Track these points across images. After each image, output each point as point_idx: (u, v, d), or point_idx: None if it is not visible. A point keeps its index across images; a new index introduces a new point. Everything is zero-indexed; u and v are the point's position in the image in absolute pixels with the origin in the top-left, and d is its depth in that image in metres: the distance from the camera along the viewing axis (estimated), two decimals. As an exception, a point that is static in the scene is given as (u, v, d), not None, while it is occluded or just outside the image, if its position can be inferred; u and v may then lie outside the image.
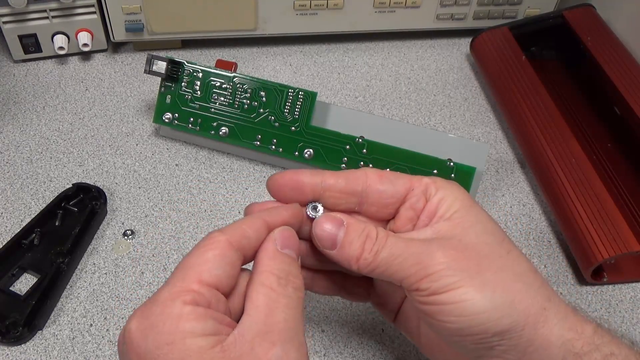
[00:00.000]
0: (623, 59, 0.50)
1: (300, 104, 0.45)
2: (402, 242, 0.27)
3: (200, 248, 0.25)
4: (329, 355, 0.37)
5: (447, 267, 0.26)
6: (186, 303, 0.23)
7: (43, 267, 0.39)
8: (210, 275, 0.24)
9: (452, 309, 0.26)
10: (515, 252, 0.28)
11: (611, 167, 0.47)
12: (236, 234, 0.25)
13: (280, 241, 0.26)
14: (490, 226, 0.28)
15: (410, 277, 0.27)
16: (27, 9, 0.50)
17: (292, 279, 0.25)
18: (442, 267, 0.26)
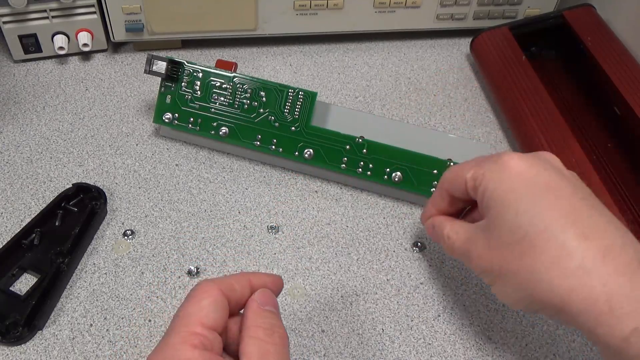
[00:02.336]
0: (623, 59, 0.50)
1: (300, 104, 0.45)
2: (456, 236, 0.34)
3: (196, 297, 0.28)
4: (329, 355, 0.37)
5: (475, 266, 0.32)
6: (195, 347, 0.26)
7: (43, 267, 0.39)
8: (209, 319, 0.27)
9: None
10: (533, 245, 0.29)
11: (611, 167, 0.47)
12: (225, 284, 0.28)
13: (260, 299, 0.29)
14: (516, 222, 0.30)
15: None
16: (27, 9, 0.50)
17: (276, 330, 0.29)
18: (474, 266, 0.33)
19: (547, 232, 0.28)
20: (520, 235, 0.29)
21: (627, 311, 0.26)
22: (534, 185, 0.30)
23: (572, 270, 0.27)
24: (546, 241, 0.28)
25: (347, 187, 0.46)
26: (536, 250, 0.28)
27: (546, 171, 0.30)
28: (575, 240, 0.28)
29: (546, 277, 0.28)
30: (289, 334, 0.37)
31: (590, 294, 0.27)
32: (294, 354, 0.37)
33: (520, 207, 0.29)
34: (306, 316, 0.39)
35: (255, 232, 0.43)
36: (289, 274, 0.41)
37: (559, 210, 0.29)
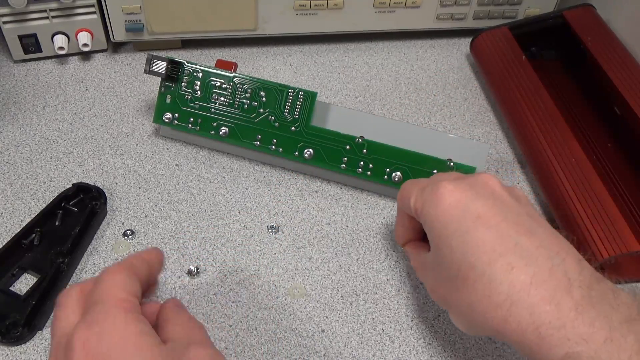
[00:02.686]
0: (623, 59, 0.50)
1: (300, 104, 0.45)
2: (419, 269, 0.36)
3: (107, 275, 0.29)
4: (329, 355, 0.37)
5: (431, 295, 0.34)
6: (127, 310, 0.27)
7: (43, 267, 0.39)
8: (132, 287, 0.29)
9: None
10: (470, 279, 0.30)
11: (611, 167, 0.47)
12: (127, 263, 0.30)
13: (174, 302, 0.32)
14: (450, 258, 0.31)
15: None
16: (27, 9, 0.50)
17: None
18: (429, 292, 0.35)
19: (476, 268, 0.29)
20: (455, 271, 0.30)
21: (556, 339, 0.27)
22: (465, 218, 0.31)
23: (501, 302, 0.28)
24: (476, 276, 0.29)
25: (347, 187, 0.46)
26: (469, 285, 0.30)
27: (478, 200, 0.31)
28: (502, 272, 0.29)
29: (480, 310, 0.29)
30: (288, 334, 0.37)
31: (519, 324, 0.28)
32: (294, 353, 0.37)
33: (453, 243, 0.31)
34: (306, 316, 0.39)
35: (255, 232, 0.43)
36: (289, 274, 0.41)
37: (486, 244, 0.29)
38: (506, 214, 0.31)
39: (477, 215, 0.30)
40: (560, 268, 0.28)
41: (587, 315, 0.27)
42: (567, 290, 0.28)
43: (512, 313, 0.28)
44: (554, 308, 0.27)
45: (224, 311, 0.38)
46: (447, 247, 0.31)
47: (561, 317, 0.27)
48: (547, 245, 0.29)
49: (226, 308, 0.38)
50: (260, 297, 0.39)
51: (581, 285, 0.28)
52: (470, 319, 0.30)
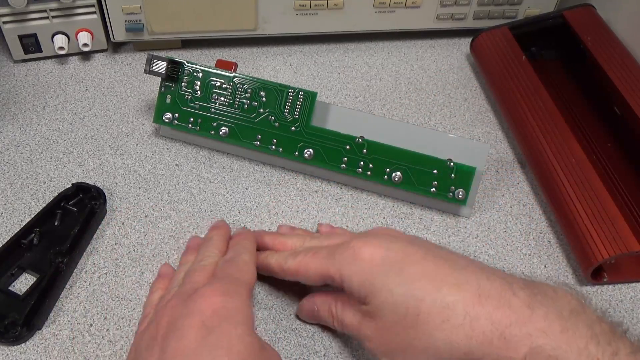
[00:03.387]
0: (623, 59, 0.50)
1: (300, 104, 0.45)
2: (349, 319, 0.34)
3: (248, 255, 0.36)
4: (329, 355, 0.37)
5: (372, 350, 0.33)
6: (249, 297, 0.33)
7: (42, 266, 0.39)
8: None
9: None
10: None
11: (611, 167, 0.47)
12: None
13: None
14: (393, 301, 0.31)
15: None
16: (27, 9, 0.50)
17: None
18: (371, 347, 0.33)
19: (425, 298, 0.30)
20: (403, 310, 0.30)
21: (520, 337, 0.28)
22: (392, 260, 0.32)
23: (461, 322, 0.29)
24: (428, 307, 0.30)
25: (347, 187, 0.46)
26: (423, 319, 0.30)
27: (394, 243, 0.33)
28: (451, 294, 0.30)
29: (442, 337, 0.29)
30: (288, 334, 0.37)
31: (485, 335, 0.28)
32: (294, 353, 0.37)
33: (391, 285, 0.31)
34: (306, 316, 0.39)
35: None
36: (289, 274, 0.41)
37: (425, 274, 0.31)
38: (423, 249, 0.32)
39: (403, 254, 0.32)
40: (496, 277, 0.30)
41: (540, 310, 0.28)
42: (513, 293, 0.29)
43: (474, 328, 0.29)
44: (509, 311, 0.29)
45: (223, 311, 0.38)
46: (386, 292, 0.31)
47: (519, 317, 0.28)
48: (470, 264, 0.31)
49: (226, 308, 0.38)
50: (260, 297, 0.39)
51: (522, 287, 0.30)
52: (433, 351, 0.30)
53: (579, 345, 0.27)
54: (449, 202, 0.44)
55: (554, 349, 0.27)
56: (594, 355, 0.27)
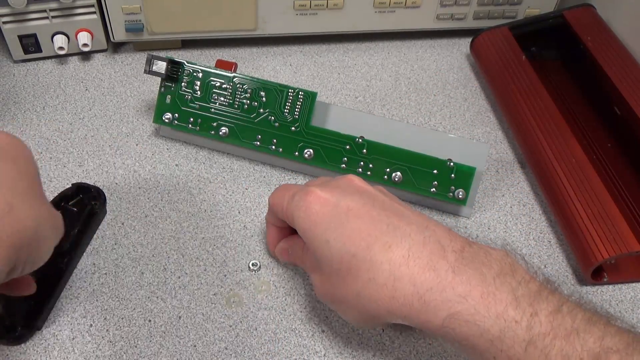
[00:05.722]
0: (623, 59, 0.50)
1: (300, 104, 0.45)
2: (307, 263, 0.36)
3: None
4: (329, 355, 0.37)
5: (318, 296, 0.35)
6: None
7: (42, 267, 0.39)
8: None
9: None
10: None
11: (611, 167, 0.47)
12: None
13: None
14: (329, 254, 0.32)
15: None
16: (27, 9, 0.50)
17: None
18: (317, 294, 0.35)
19: (357, 254, 0.31)
20: (337, 264, 0.32)
21: (439, 302, 0.29)
22: (336, 214, 0.32)
23: (385, 281, 0.30)
24: (358, 263, 0.31)
25: (347, 187, 0.46)
26: (353, 274, 0.31)
27: (346, 196, 0.33)
28: (380, 253, 0.30)
29: (367, 295, 0.30)
30: (288, 334, 0.37)
31: (405, 297, 0.29)
32: (294, 353, 0.37)
33: (329, 237, 0.32)
34: (306, 316, 0.39)
35: (255, 232, 0.43)
36: (289, 274, 0.41)
37: (362, 230, 0.31)
38: (373, 203, 0.33)
39: (348, 209, 0.32)
40: (432, 238, 0.31)
41: (464, 275, 0.29)
42: (442, 256, 0.30)
43: (397, 288, 0.30)
44: (433, 274, 0.29)
45: (224, 311, 0.38)
46: (324, 244, 0.32)
47: (441, 282, 0.29)
48: (416, 222, 0.32)
49: (226, 308, 0.38)
50: (261, 297, 0.39)
51: (454, 250, 0.30)
52: (360, 307, 0.31)
53: (497, 309, 0.28)
54: (449, 202, 0.44)
55: (472, 314, 0.28)
56: (512, 317, 0.28)
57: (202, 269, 0.40)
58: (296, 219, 0.34)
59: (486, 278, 0.29)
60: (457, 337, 0.29)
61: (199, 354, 0.36)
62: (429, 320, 0.29)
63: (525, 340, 0.27)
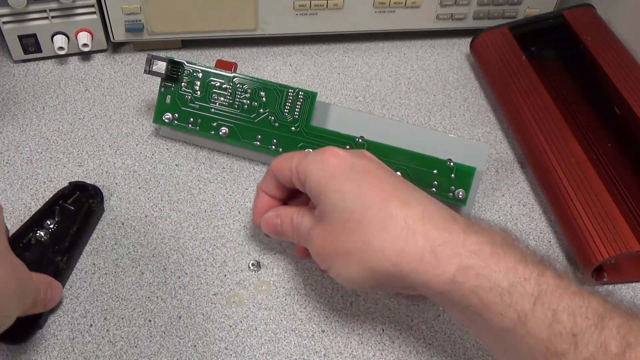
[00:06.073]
0: (623, 59, 0.50)
1: (300, 104, 0.45)
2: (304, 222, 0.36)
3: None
4: (329, 355, 0.37)
5: (315, 251, 0.34)
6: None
7: (42, 266, 0.39)
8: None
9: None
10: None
11: (611, 167, 0.47)
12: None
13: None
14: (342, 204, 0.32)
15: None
16: (27, 9, 0.50)
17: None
18: (314, 251, 0.34)
19: (372, 207, 0.31)
20: (348, 214, 0.32)
21: (450, 255, 0.30)
22: (354, 170, 0.33)
23: (398, 232, 0.30)
24: (373, 214, 0.31)
25: (347, 187, 0.46)
26: (365, 224, 0.31)
27: (362, 159, 0.34)
28: (397, 208, 0.31)
29: (377, 245, 0.31)
30: (288, 334, 0.37)
31: (417, 249, 0.30)
32: (294, 353, 0.37)
33: (344, 189, 0.32)
34: (306, 316, 0.39)
35: (255, 232, 0.43)
36: (289, 274, 0.41)
37: (380, 187, 0.32)
38: (389, 172, 0.34)
39: (365, 169, 0.33)
40: (442, 206, 0.32)
41: (474, 237, 0.30)
42: (453, 220, 0.31)
43: (409, 241, 0.30)
44: (446, 233, 0.30)
45: (224, 311, 0.38)
46: (338, 194, 0.32)
47: (453, 238, 0.30)
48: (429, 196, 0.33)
49: (226, 308, 0.38)
50: (261, 297, 0.39)
51: (463, 219, 0.32)
52: (363, 259, 0.31)
53: (507, 265, 0.29)
54: (449, 202, 0.43)
55: (483, 267, 0.29)
56: (521, 274, 0.29)
57: (202, 269, 0.40)
58: (310, 172, 0.34)
59: (495, 242, 0.30)
60: (465, 291, 0.29)
61: (199, 354, 0.36)
62: (439, 273, 0.29)
63: (533, 295, 0.28)
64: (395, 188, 0.32)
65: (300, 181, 0.35)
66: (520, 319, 0.28)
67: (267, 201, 0.39)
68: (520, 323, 0.28)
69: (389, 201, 0.31)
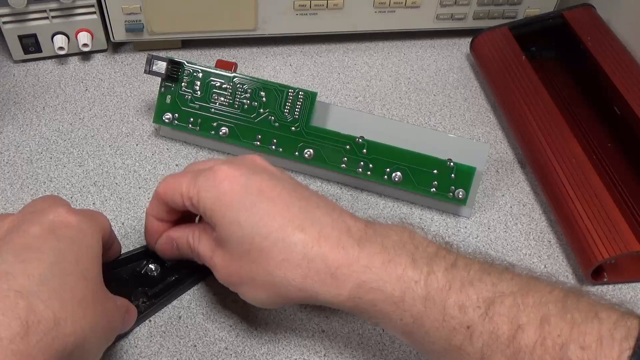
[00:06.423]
0: (623, 59, 0.50)
1: (300, 104, 0.45)
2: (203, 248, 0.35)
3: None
4: (329, 355, 0.37)
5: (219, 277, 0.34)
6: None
7: (122, 294, 0.38)
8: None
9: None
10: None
11: (611, 167, 0.47)
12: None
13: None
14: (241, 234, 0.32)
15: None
16: (27, 9, 0.50)
17: None
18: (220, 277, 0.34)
19: (269, 236, 0.31)
20: (248, 244, 0.32)
21: (347, 275, 0.30)
22: (248, 193, 0.32)
23: (299, 260, 0.31)
24: (271, 244, 0.31)
25: (347, 187, 0.46)
26: (265, 254, 0.31)
27: (256, 175, 0.33)
28: (294, 234, 0.31)
29: (281, 275, 0.31)
30: (289, 334, 0.37)
31: (318, 273, 0.31)
32: (294, 353, 0.37)
33: (241, 219, 0.32)
34: (306, 316, 0.39)
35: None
36: (289, 274, 0.41)
37: (274, 213, 0.32)
38: (283, 185, 0.33)
39: (259, 190, 0.32)
40: (339, 220, 0.32)
41: (368, 248, 0.31)
42: (349, 235, 0.31)
43: (310, 268, 0.31)
44: (342, 251, 0.31)
45: (224, 311, 0.38)
46: (235, 225, 0.32)
47: (349, 257, 0.31)
48: (322, 205, 0.33)
49: (226, 308, 0.38)
50: (260, 297, 0.39)
51: (358, 228, 0.32)
52: (271, 286, 0.32)
53: (397, 272, 0.30)
54: (449, 202, 0.44)
55: (376, 281, 0.30)
56: (411, 278, 0.30)
57: (202, 269, 0.40)
58: (203, 199, 0.33)
59: (386, 248, 0.31)
60: (365, 305, 0.31)
61: (199, 354, 0.36)
62: (339, 293, 0.31)
63: (423, 297, 0.29)
64: (290, 210, 0.32)
65: (194, 206, 0.34)
66: (416, 322, 0.30)
67: (158, 226, 0.37)
68: (418, 325, 0.30)
69: (284, 229, 0.31)
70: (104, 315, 0.30)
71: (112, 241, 0.36)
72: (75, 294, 0.28)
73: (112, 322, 0.31)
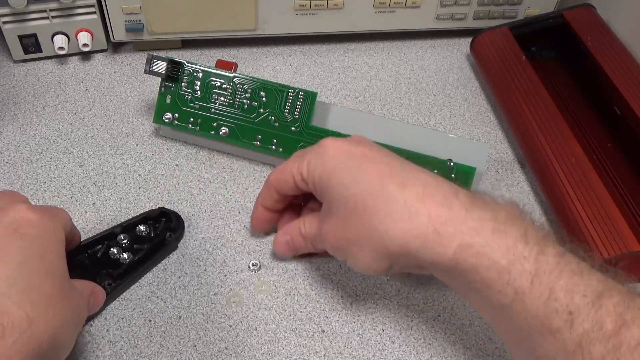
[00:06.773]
0: (623, 59, 0.50)
1: (300, 104, 0.45)
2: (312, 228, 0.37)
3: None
4: (329, 355, 0.37)
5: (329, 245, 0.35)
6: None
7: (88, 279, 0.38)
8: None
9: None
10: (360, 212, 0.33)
11: (611, 167, 0.47)
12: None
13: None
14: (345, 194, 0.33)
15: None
16: (27, 9, 0.50)
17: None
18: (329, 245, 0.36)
19: (373, 193, 0.32)
20: (352, 203, 0.33)
21: (452, 233, 0.30)
22: (351, 157, 0.34)
23: (401, 215, 0.31)
24: (374, 200, 0.32)
25: (347, 187, 0.46)
26: (369, 210, 0.32)
27: (359, 145, 0.35)
28: (396, 190, 0.32)
29: (383, 229, 0.32)
30: (288, 334, 0.37)
31: (420, 229, 0.31)
32: (294, 353, 0.37)
33: (345, 179, 0.33)
34: (306, 316, 0.39)
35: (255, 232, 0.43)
36: (289, 274, 0.41)
37: (377, 172, 0.33)
38: (385, 152, 0.35)
39: (362, 154, 0.34)
40: (443, 182, 0.33)
41: (476, 213, 0.31)
42: (455, 196, 0.31)
43: (413, 222, 0.31)
44: (447, 210, 0.31)
45: (224, 311, 0.38)
46: (340, 186, 0.33)
47: (454, 216, 0.31)
48: (427, 172, 0.34)
49: (226, 308, 0.39)
50: (261, 297, 0.39)
51: (466, 195, 0.32)
52: (375, 244, 0.32)
53: (507, 243, 0.29)
54: (449, 202, 0.44)
55: (483, 246, 0.29)
56: (521, 252, 0.29)
57: (202, 269, 0.40)
58: (312, 170, 0.35)
59: (497, 218, 0.30)
60: (466, 269, 0.30)
61: (199, 354, 0.36)
62: (442, 252, 0.30)
63: (531, 273, 0.28)
64: (392, 170, 0.33)
65: (305, 182, 0.36)
66: (517, 296, 0.29)
67: (266, 215, 0.40)
68: (518, 300, 0.29)
69: (387, 185, 0.32)
70: (72, 308, 0.31)
71: (73, 233, 0.37)
72: (43, 292, 0.28)
73: (79, 313, 0.32)
